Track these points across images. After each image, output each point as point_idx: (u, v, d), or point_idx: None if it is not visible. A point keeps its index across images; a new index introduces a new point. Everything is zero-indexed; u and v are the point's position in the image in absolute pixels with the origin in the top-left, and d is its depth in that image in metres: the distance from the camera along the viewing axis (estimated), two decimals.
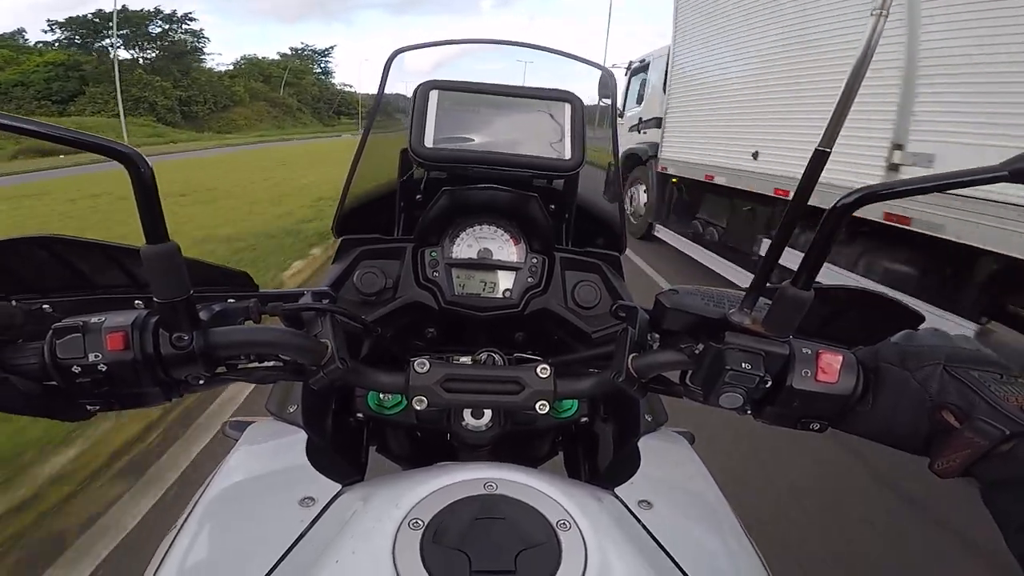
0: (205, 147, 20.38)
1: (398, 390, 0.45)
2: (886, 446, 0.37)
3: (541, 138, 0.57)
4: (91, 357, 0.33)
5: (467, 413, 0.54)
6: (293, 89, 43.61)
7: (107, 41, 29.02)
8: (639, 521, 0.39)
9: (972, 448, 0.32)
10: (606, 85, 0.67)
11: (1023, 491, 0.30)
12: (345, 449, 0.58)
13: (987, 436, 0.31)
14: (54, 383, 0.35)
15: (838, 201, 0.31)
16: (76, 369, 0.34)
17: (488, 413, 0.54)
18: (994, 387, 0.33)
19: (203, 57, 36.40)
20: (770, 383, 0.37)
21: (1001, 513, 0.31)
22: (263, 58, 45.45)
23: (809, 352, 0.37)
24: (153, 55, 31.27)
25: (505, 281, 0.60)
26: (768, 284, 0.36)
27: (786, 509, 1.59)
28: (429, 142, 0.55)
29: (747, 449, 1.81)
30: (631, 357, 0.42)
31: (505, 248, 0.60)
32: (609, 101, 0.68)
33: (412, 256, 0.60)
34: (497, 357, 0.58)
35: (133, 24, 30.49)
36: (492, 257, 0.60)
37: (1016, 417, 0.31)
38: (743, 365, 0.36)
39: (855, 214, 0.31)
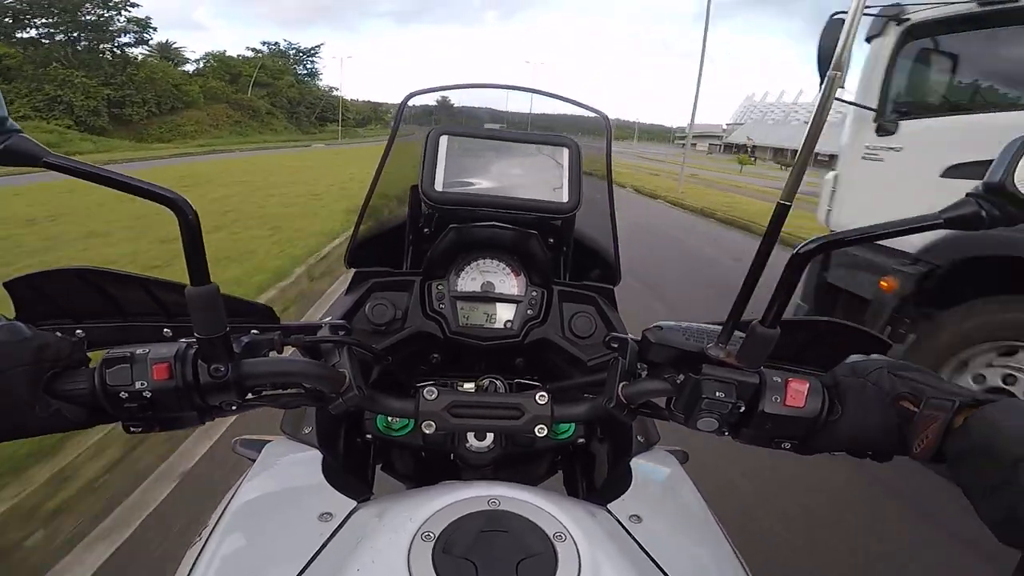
0: (120, 159, 15.12)
1: (408, 415, 0.49)
2: (861, 457, 0.42)
3: (541, 181, 0.61)
4: (138, 384, 0.37)
5: (470, 435, 0.59)
6: (266, 91, 37.79)
7: (34, 32, 24.14)
8: (630, 534, 0.43)
9: (936, 423, 0.36)
10: (601, 128, 0.72)
11: (981, 460, 0.33)
12: (354, 468, 0.61)
13: (943, 408, 0.36)
14: (101, 408, 0.38)
15: (798, 248, 0.35)
16: (124, 395, 0.37)
17: (490, 435, 0.59)
18: (933, 381, 0.39)
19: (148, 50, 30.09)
20: (743, 408, 0.41)
21: (968, 486, 0.34)
22: (238, 56, 39.08)
23: (779, 380, 0.41)
24: (82, 46, 25.33)
25: (506, 312, 0.64)
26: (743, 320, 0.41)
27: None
28: (439, 185, 0.59)
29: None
30: (621, 385, 0.47)
31: (507, 281, 0.65)
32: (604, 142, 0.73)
33: (420, 289, 0.63)
34: (499, 383, 0.62)
35: (62, 9, 26.45)
36: (494, 290, 0.64)
37: (961, 393, 0.37)
38: (717, 394, 0.40)
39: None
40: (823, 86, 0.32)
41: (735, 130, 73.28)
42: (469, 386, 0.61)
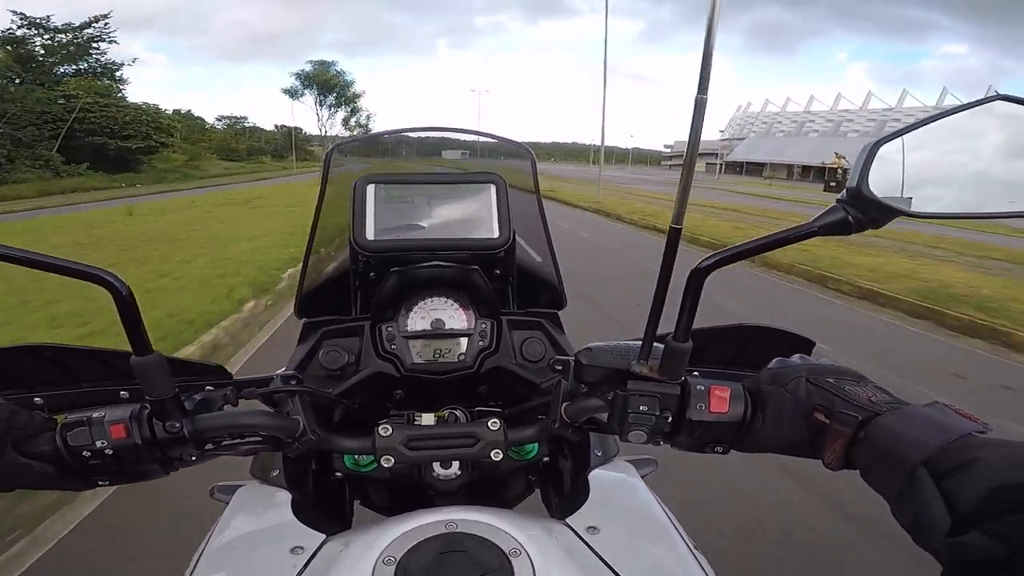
0: None
1: (367, 452, 0.52)
2: (787, 455, 0.43)
3: (472, 219, 0.65)
4: (98, 443, 0.41)
5: (436, 465, 0.61)
6: None
7: None
8: (588, 545, 0.45)
9: (842, 437, 0.38)
10: (527, 161, 0.75)
11: (886, 467, 0.35)
12: (329, 505, 0.64)
13: (848, 423, 0.38)
14: (67, 466, 0.41)
15: (696, 265, 0.38)
16: (86, 454, 0.41)
17: (456, 463, 0.61)
18: (848, 388, 0.40)
19: None
20: (670, 418, 0.43)
21: (881, 491, 0.36)
22: None
23: (702, 388, 0.43)
24: None
25: (459, 346, 0.66)
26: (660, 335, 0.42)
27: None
28: (370, 235, 0.62)
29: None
30: (564, 405, 0.50)
31: (456, 316, 0.67)
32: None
33: (371, 332, 0.66)
34: (459, 414, 0.65)
35: None
36: (444, 327, 0.66)
37: (866, 406, 0.38)
38: (641, 407, 0.43)
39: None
40: (692, 111, 0.33)
41: (736, 145, 67.34)
42: (430, 417, 0.63)
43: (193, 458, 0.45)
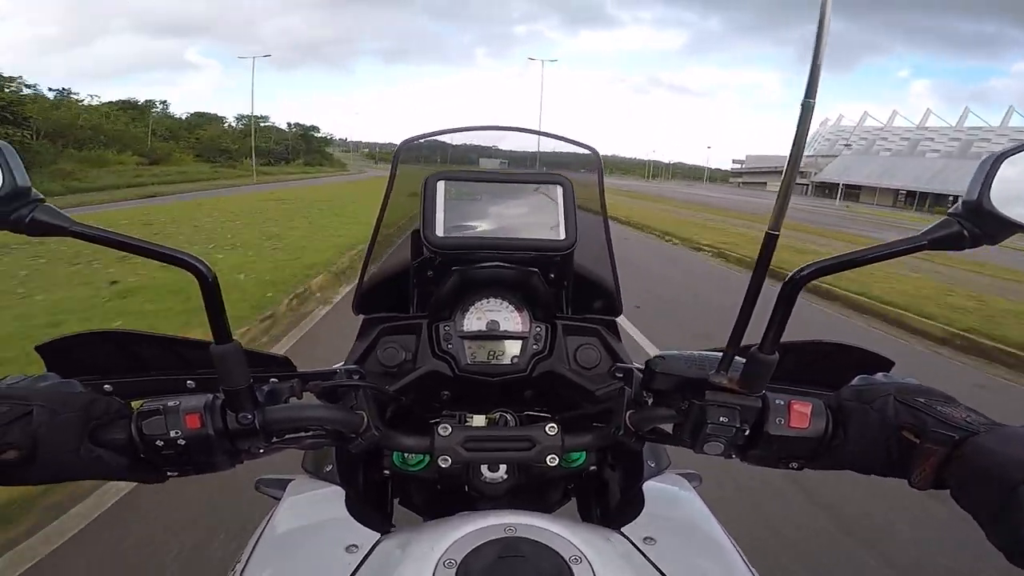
0: None
1: (424, 451, 0.52)
2: (866, 474, 0.43)
3: (538, 220, 0.64)
4: (172, 433, 0.41)
5: (484, 467, 0.61)
6: None
7: None
8: (644, 555, 0.44)
9: (934, 457, 0.38)
10: (592, 163, 0.74)
11: (983, 487, 0.35)
12: (373, 503, 0.64)
13: (942, 443, 0.37)
14: (139, 456, 0.42)
15: (793, 274, 0.37)
16: (160, 443, 0.41)
17: (503, 466, 0.62)
18: (940, 408, 0.39)
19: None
20: (748, 431, 0.43)
21: (973, 512, 0.35)
22: None
23: (781, 403, 0.43)
24: None
25: (513, 348, 0.66)
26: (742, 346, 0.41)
27: None
28: (440, 231, 0.62)
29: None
30: (628, 413, 0.50)
31: (511, 319, 0.67)
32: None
33: (428, 331, 0.66)
34: (508, 416, 0.65)
35: None
36: (499, 328, 0.66)
37: (961, 425, 0.38)
38: (721, 419, 0.42)
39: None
40: (798, 115, 0.33)
41: (825, 164, 59.70)
42: (480, 419, 0.63)
43: (261, 451, 0.46)
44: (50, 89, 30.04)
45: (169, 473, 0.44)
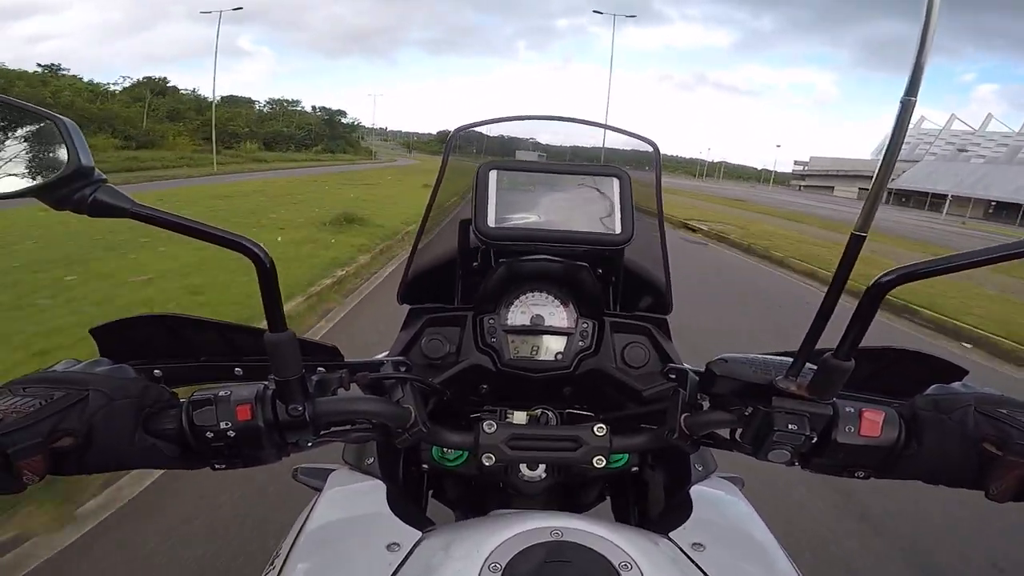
0: None
1: (468, 448, 0.52)
2: (938, 485, 0.42)
3: (593, 213, 0.61)
4: (222, 424, 0.40)
5: (523, 465, 0.60)
6: None
7: None
8: (694, 563, 0.43)
9: (1018, 469, 0.38)
10: (649, 156, 0.72)
11: None
12: (410, 497, 0.64)
13: None
14: (189, 446, 0.41)
15: (877, 279, 0.34)
16: (209, 435, 0.41)
17: (543, 465, 0.60)
18: (1022, 419, 0.39)
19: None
20: (816, 439, 0.41)
21: None
22: None
23: (852, 410, 0.42)
24: None
25: (557, 344, 0.64)
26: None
27: None
28: (492, 221, 0.60)
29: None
30: (683, 416, 0.48)
31: (556, 314, 0.65)
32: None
33: (472, 324, 0.65)
34: (551, 415, 0.63)
35: None
36: (544, 323, 0.64)
37: None
38: (789, 426, 0.41)
39: None
40: (896, 114, 0.31)
41: (903, 169, 52.13)
42: (521, 416, 0.62)
43: (309, 444, 0.45)
44: (39, 65, 29.57)
45: (216, 466, 0.43)
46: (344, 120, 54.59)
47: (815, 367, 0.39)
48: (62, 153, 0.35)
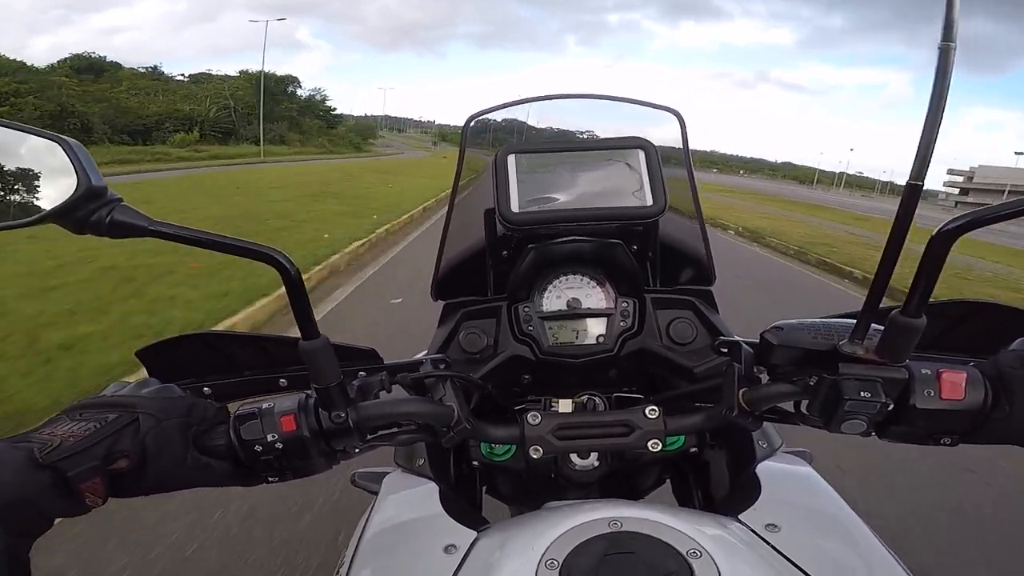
0: None
1: (514, 442, 0.51)
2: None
3: (621, 187, 0.60)
4: (269, 437, 0.41)
5: (574, 455, 0.59)
6: None
7: None
8: (769, 544, 0.41)
9: None
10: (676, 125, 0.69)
11: None
12: (464, 495, 0.63)
13: None
14: (240, 462, 0.42)
15: (940, 227, 0.32)
16: (258, 448, 0.41)
17: (594, 452, 0.58)
18: None
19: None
20: (892, 406, 0.39)
21: None
22: None
23: (929, 372, 0.39)
24: None
25: (597, 327, 0.63)
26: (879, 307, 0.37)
27: None
28: (515, 207, 0.58)
29: None
30: (741, 391, 0.45)
31: (592, 295, 0.64)
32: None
33: (507, 313, 0.64)
34: (598, 400, 0.62)
35: None
36: (581, 306, 0.63)
37: None
38: (861, 394, 0.38)
39: None
40: (938, 61, 0.30)
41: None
42: (567, 404, 0.61)
43: (356, 450, 0.45)
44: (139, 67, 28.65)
45: (270, 479, 0.43)
46: (322, 105, 42.92)
47: (881, 328, 0.37)
48: (71, 175, 0.34)
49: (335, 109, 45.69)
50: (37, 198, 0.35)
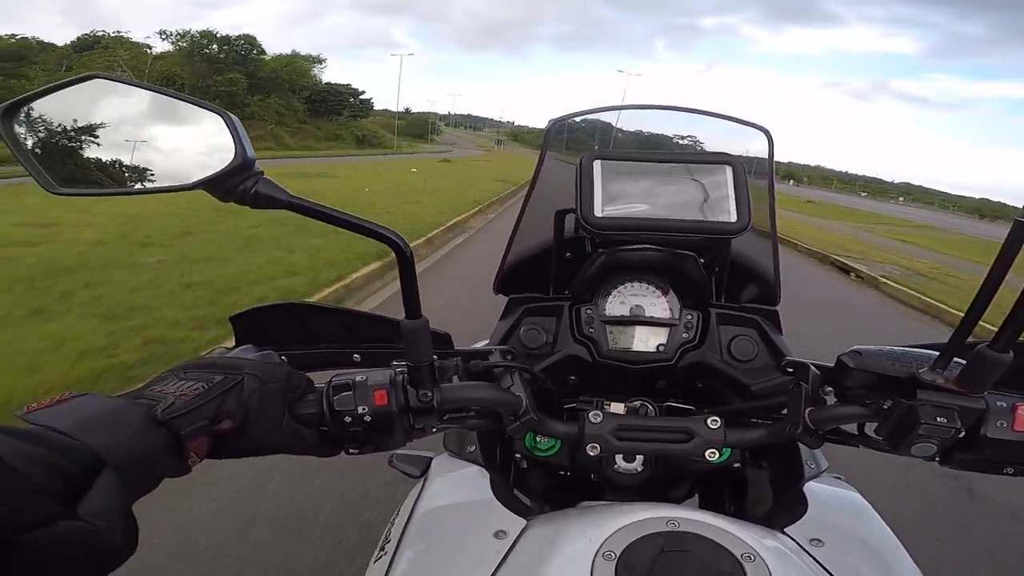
0: None
1: (573, 438, 0.52)
2: None
3: (703, 202, 0.60)
4: (360, 409, 0.42)
5: (619, 457, 0.60)
6: None
7: None
8: (814, 558, 0.43)
9: None
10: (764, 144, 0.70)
11: None
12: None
13: None
14: (327, 432, 0.43)
15: None
16: (348, 419, 0.42)
17: (640, 457, 0.61)
18: None
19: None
20: (963, 434, 0.40)
21: None
22: None
23: (1004, 405, 0.41)
24: None
25: (658, 336, 0.64)
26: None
27: None
28: (599, 211, 0.59)
29: None
30: (808, 411, 0.46)
31: (657, 304, 0.65)
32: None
33: (569, 313, 0.66)
34: (650, 407, 0.64)
35: None
36: (644, 314, 0.64)
37: None
38: (937, 419, 0.39)
39: None
40: None
41: None
42: (619, 406, 0.63)
43: (434, 429, 0.46)
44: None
45: (351, 450, 0.44)
46: (338, 89, 36.78)
47: (962, 361, 0.38)
48: (229, 146, 0.36)
49: (363, 92, 40.48)
50: (198, 165, 0.37)
